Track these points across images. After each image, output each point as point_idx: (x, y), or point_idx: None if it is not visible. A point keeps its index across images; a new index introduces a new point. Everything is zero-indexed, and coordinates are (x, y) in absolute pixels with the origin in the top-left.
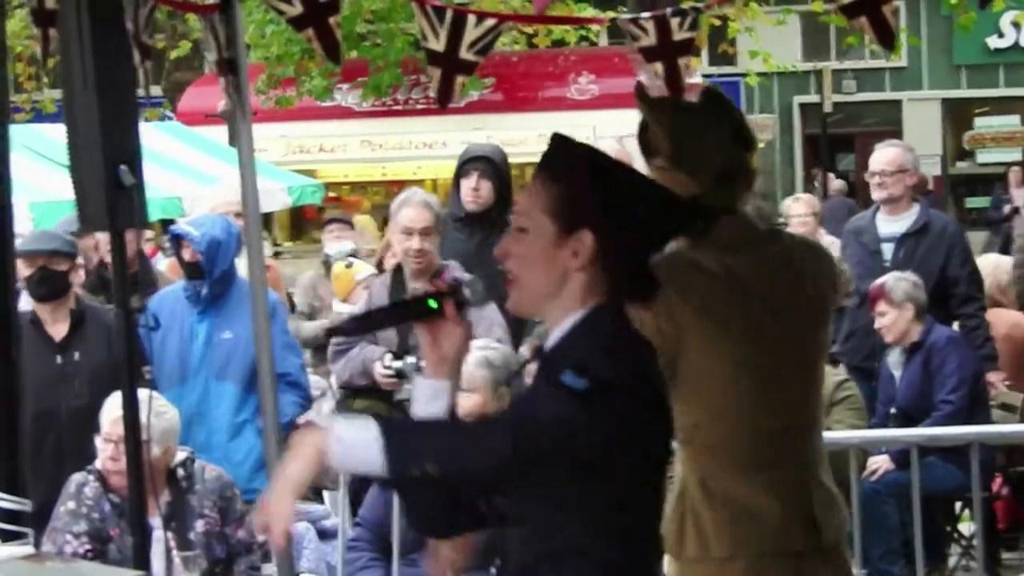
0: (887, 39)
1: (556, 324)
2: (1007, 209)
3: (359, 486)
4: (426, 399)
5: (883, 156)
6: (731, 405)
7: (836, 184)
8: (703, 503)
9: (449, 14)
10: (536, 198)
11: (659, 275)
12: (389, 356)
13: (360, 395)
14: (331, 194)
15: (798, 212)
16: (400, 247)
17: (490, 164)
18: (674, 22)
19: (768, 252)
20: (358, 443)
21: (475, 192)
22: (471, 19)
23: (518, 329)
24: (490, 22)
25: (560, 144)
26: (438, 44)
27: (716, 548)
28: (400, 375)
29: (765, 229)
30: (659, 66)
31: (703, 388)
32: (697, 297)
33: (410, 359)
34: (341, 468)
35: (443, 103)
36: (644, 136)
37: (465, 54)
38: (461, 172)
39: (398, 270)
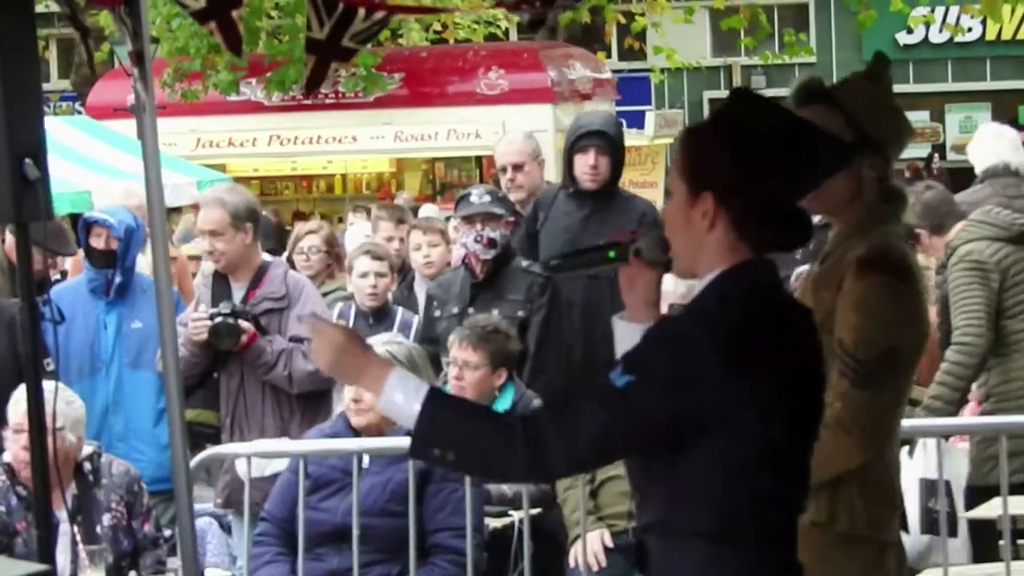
0: None
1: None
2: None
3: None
4: (621, 338)
5: None
6: (908, 382)
7: None
8: (859, 481)
9: (340, 8)
10: (676, 163)
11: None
12: (204, 307)
13: (190, 403)
14: None
15: None
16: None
17: (605, 138)
18: None
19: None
20: (401, 411)
21: (593, 169)
22: (360, 13)
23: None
24: (379, 15)
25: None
26: (321, 34)
27: (864, 527)
28: (213, 318)
29: None
30: (524, 14)
31: None
32: None
33: (224, 305)
34: (380, 410)
35: (310, 88)
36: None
37: (346, 43)
38: (576, 147)
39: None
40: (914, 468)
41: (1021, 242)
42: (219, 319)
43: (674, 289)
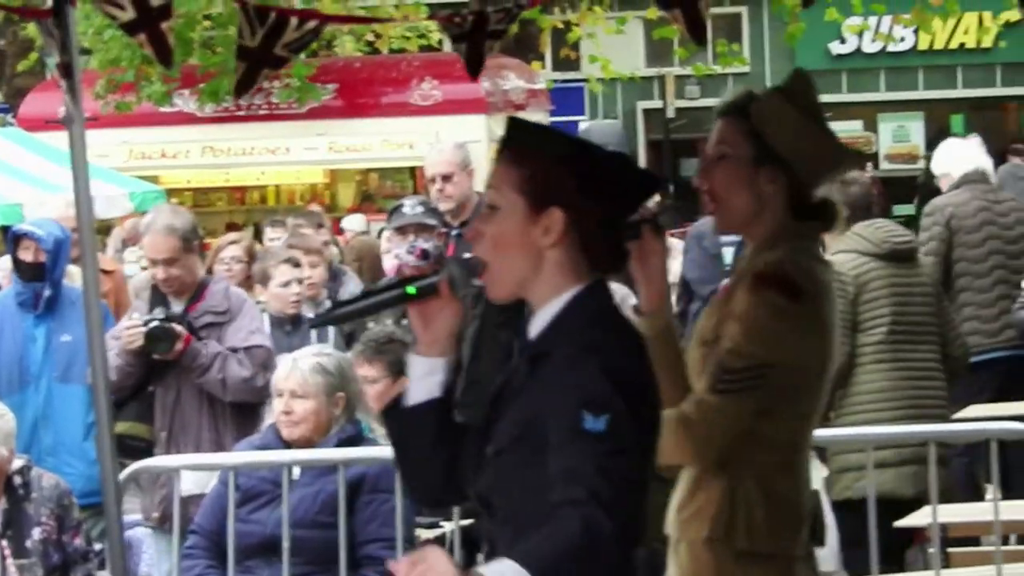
0: (698, 33)
1: (540, 306)
2: None
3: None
4: (421, 375)
5: None
6: (817, 404)
7: None
8: (759, 498)
9: (272, 17)
10: (504, 178)
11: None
12: (136, 314)
13: (122, 416)
14: (173, 200)
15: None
16: (150, 271)
17: None
18: (493, 17)
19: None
20: None
21: None
22: (292, 22)
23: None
24: (311, 24)
25: (519, 125)
26: (253, 42)
27: (765, 544)
28: (147, 323)
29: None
30: (464, 47)
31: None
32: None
33: (159, 311)
34: None
35: (239, 93)
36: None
37: (279, 51)
38: None
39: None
40: None
41: (889, 259)
42: (154, 323)
43: None
